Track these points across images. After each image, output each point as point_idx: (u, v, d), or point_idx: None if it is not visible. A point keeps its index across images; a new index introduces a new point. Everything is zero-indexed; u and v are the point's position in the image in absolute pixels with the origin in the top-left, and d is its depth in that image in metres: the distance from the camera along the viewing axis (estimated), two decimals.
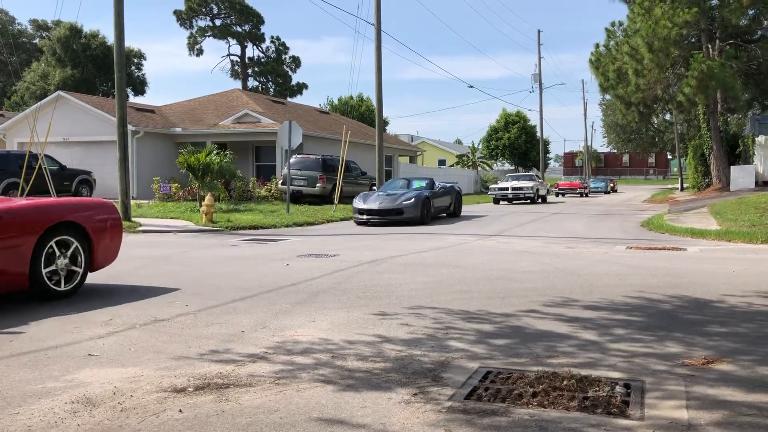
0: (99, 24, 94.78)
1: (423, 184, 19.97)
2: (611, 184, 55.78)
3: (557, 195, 42.87)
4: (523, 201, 31.90)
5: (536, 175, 35.91)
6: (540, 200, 33.17)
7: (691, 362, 4.52)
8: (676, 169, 64.51)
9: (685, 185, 44.25)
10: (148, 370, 4.46)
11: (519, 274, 8.72)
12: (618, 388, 3.96)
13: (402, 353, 4.82)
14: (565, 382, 4.02)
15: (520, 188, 31.42)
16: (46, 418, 3.56)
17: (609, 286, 7.70)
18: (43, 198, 8.04)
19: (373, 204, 18.16)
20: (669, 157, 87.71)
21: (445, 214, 20.74)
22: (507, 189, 31.59)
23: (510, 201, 31.97)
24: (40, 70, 55.70)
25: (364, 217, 18.07)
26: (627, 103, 31.05)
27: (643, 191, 49.55)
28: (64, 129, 27.85)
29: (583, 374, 4.18)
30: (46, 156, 21.38)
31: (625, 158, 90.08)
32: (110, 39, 52.02)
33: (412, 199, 18.04)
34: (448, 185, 21.41)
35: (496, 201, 31.82)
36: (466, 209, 24.48)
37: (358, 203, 18.45)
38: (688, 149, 38.83)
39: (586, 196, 44.72)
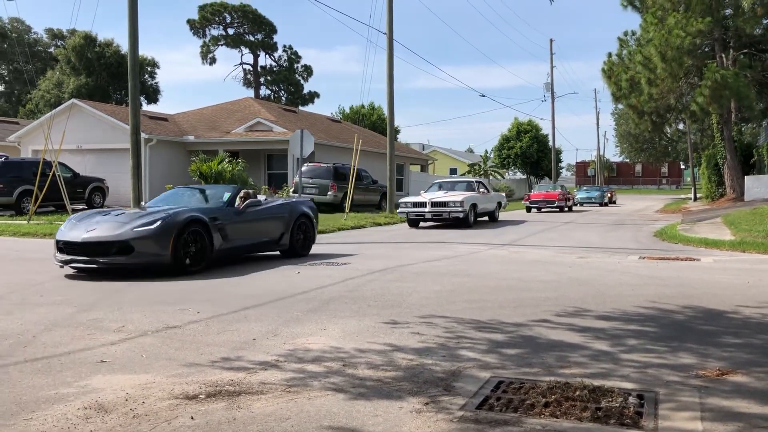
0: (113, 33, 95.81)
1: (227, 196, 11.12)
2: (608, 195, 45.62)
3: (529, 210, 32.38)
4: (451, 223, 20.42)
5: (479, 183, 23.05)
6: (486, 218, 23.00)
7: (705, 373, 4.48)
8: (689, 179, 63.97)
9: (698, 195, 43.89)
10: (160, 376, 4.47)
11: (531, 283, 8.68)
12: (631, 399, 3.93)
13: (413, 362, 4.81)
14: (577, 393, 3.99)
15: (444, 204, 19.68)
16: (59, 424, 3.58)
17: (621, 296, 7.65)
18: None
19: (79, 232, 9.55)
20: (682, 166, 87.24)
21: (278, 252, 11.97)
22: (424, 205, 19.91)
23: (440, 222, 20.83)
24: (54, 78, 56.26)
25: (63, 257, 9.58)
26: (640, 113, 30.93)
27: (654, 201, 48.86)
28: (78, 137, 28.10)
29: (596, 385, 4.15)
30: (60, 163, 21.57)
31: (638, 168, 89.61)
32: (124, 47, 52.55)
33: (156, 224, 9.42)
34: (285, 202, 12.47)
35: (413, 223, 20.74)
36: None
37: (61, 231, 9.90)
38: (702, 159, 38.60)
39: (569, 210, 33.67)
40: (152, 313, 6.63)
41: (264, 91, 65.96)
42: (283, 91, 66.89)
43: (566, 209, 33.26)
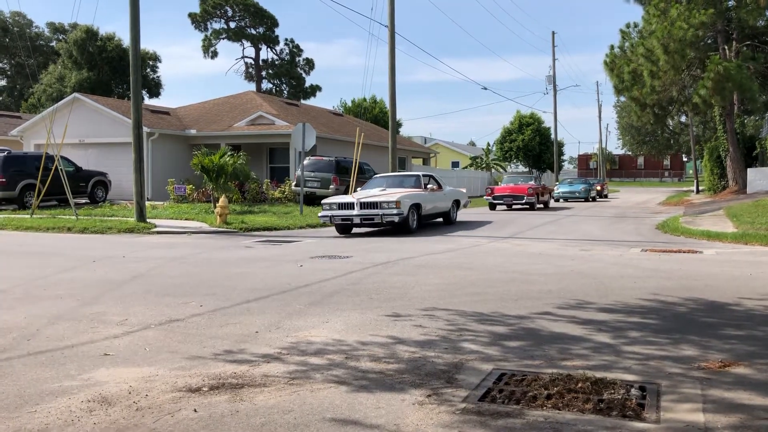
0: (115, 26, 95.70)
1: None
2: (597, 188, 39.33)
3: (493, 207, 26.78)
4: (389, 228, 16.33)
5: (429, 176, 18.72)
6: (441, 220, 18.64)
7: (707, 365, 4.49)
8: (691, 172, 63.82)
9: (700, 188, 43.79)
10: (163, 369, 4.48)
11: (533, 276, 8.68)
12: (633, 391, 3.94)
13: (415, 354, 4.81)
14: (579, 385, 4.00)
15: (375, 204, 15.54)
16: (63, 417, 3.60)
17: (623, 288, 7.65)
18: None
19: None
20: (684, 159, 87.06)
21: None
22: (351, 206, 15.70)
23: (372, 227, 16.45)
24: (56, 72, 56.20)
25: None
26: (642, 105, 30.82)
27: (656, 194, 48.65)
28: (80, 131, 28.09)
29: (598, 377, 4.16)
30: (63, 157, 21.56)
31: (640, 160, 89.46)
32: (126, 41, 52.49)
33: None
34: None
35: (343, 229, 16.12)
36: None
37: None
38: (704, 151, 38.54)
39: (545, 207, 28.47)
40: (155, 307, 6.65)
41: (266, 85, 65.86)
42: (284, 85, 66.78)
43: (539, 206, 27.63)
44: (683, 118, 53.10)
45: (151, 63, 59.45)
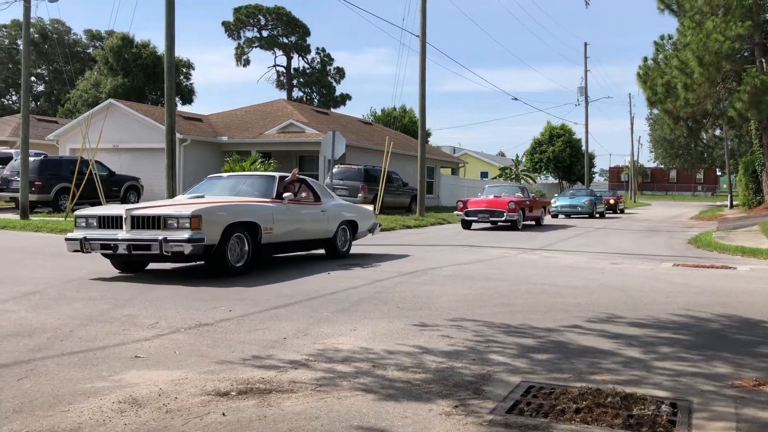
0: (150, 34, 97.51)
1: None
2: (610, 201, 34.17)
3: (467, 225, 21.16)
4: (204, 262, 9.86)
5: (301, 183, 11.48)
6: (324, 252, 12.08)
7: (740, 384, 4.40)
8: (725, 186, 62.72)
9: (734, 202, 43.01)
10: (193, 373, 4.53)
11: (562, 288, 8.60)
12: (664, 407, 3.88)
13: (443, 365, 4.80)
14: (609, 399, 3.95)
15: (159, 220, 8.82)
16: (94, 417, 3.66)
17: (655, 303, 7.55)
18: None
19: None
20: (718, 173, 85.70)
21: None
22: (117, 223, 9.02)
23: (151, 259, 9.55)
24: (92, 78, 57.36)
25: None
26: (675, 118, 30.37)
27: (688, 208, 47.81)
28: (115, 136, 28.58)
29: (628, 392, 4.11)
30: (97, 162, 21.97)
31: (673, 174, 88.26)
32: (160, 49, 53.39)
33: None
34: None
35: (120, 263, 9.70)
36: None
37: None
38: (739, 166, 37.86)
39: (538, 224, 23.25)
40: (185, 311, 6.73)
41: (296, 93, 66.47)
42: (315, 93, 67.33)
43: (529, 223, 22.53)
44: (717, 132, 52.25)
45: (184, 70, 60.36)
